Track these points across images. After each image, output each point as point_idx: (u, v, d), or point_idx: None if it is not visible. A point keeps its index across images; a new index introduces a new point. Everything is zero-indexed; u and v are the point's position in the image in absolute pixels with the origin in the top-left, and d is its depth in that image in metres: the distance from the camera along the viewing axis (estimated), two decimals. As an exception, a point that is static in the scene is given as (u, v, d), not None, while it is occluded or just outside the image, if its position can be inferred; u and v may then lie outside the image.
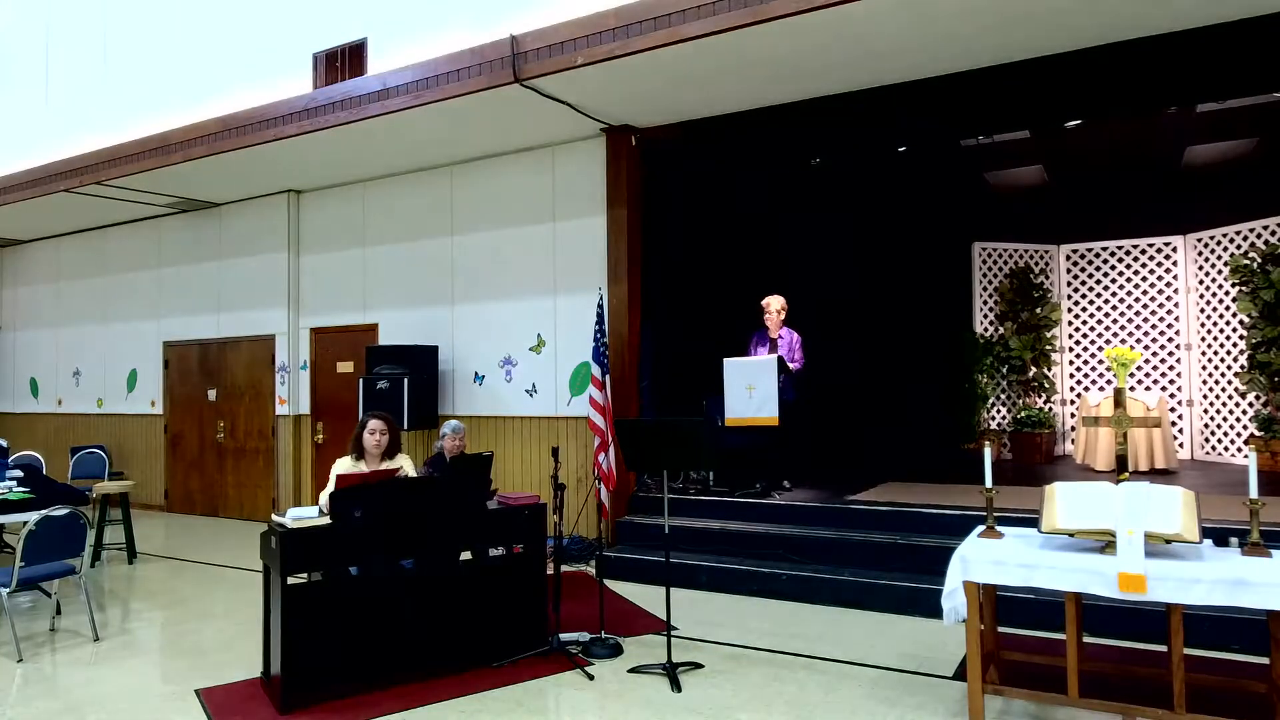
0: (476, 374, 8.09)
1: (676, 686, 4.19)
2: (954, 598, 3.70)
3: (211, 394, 10.11)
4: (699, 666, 4.48)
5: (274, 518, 4.42)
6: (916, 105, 6.98)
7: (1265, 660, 3.69)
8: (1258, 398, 8.16)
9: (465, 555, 4.83)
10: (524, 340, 7.81)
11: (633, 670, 4.43)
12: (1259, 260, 8.18)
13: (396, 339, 8.45)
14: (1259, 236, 8.37)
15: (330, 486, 4.71)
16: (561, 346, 7.58)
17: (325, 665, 4.17)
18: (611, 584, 6.08)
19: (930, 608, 4.91)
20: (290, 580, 4.13)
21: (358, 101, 7.05)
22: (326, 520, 4.30)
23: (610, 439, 6.70)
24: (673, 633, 4.64)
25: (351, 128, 7.19)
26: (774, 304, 7.04)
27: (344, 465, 4.98)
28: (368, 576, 4.44)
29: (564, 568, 6.26)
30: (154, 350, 10.64)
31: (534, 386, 7.72)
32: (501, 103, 6.63)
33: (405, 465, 5.10)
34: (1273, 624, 3.47)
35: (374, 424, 5.01)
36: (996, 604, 4.16)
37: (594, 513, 7.04)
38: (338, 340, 9.09)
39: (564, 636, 4.79)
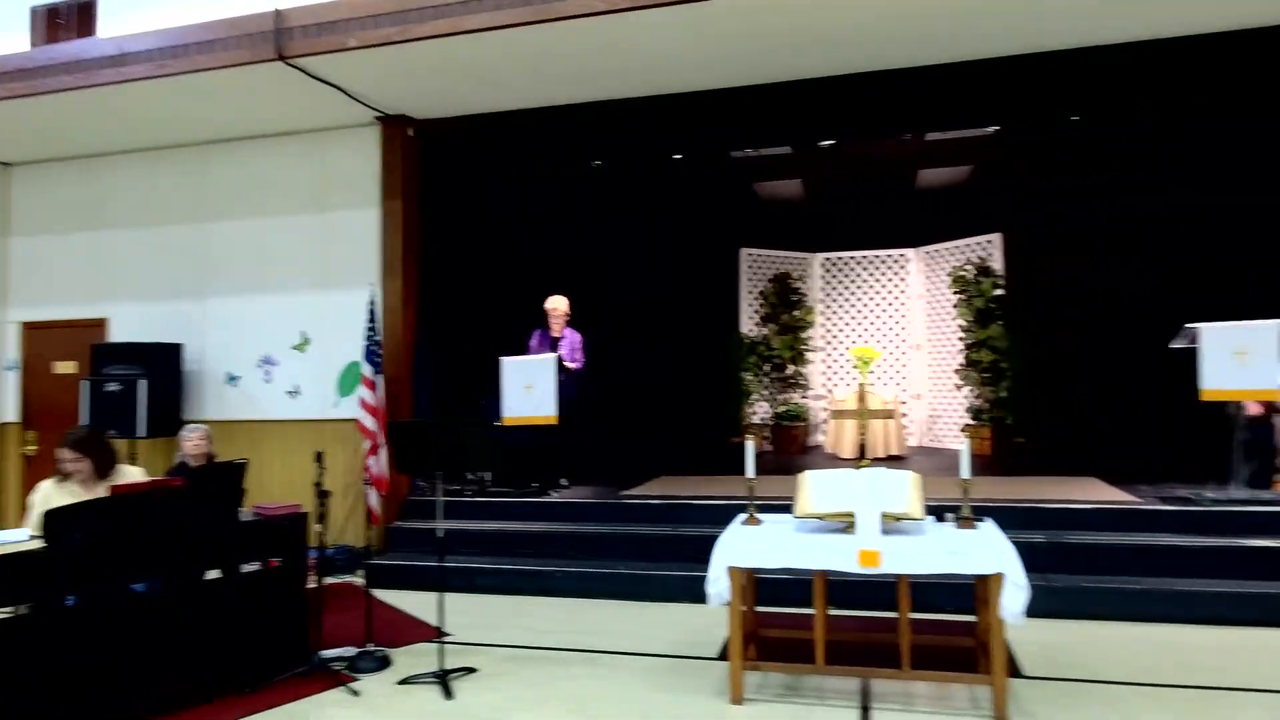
0: (230, 374, 7.40)
1: (449, 694, 4.07)
2: (718, 583, 3.92)
3: (-115, 400, 8.42)
4: (473, 671, 4.38)
5: (-37, 544, 3.75)
6: (692, 115, 7.32)
7: (974, 618, 4.23)
8: (971, 391, 9.40)
9: (215, 573, 4.38)
10: (286, 338, 7.25)
11: (402, 682, 4.25)
12: (974, 272, 9.43)
13: (133, 336, 7.50)
14: (973, 251, 9.65)
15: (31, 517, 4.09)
16: (330, 345, 7.12)
17: (30, 713, 3.59)
18: (383, 594, 5.79)
19: (700, 594, 5.12)
20: (-16, 617, 3.53)
21: (86, 66, 6.25)
22: (35, 544, 3.71)
23: (382, 441, 6.40)
24: (446, 639, 4.50)
25: (78, 95, 6.37)
26: (558, 305, 7.07)
27: (46, 491, 4.31)
28: (88, 606, 3.88)
29: (328, 579, 5.87)
30: None
31: (298, 388, 7.19)
32: (263, 81, 6.16)
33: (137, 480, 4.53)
34: (979, 586, 3.99)
35: (63, 453, 4.31)
36: (758, 586, 4.45)
37: (363, 520, 6.69)
38: (57, 337, 7.92)
39: (326, 653, 4.49)
